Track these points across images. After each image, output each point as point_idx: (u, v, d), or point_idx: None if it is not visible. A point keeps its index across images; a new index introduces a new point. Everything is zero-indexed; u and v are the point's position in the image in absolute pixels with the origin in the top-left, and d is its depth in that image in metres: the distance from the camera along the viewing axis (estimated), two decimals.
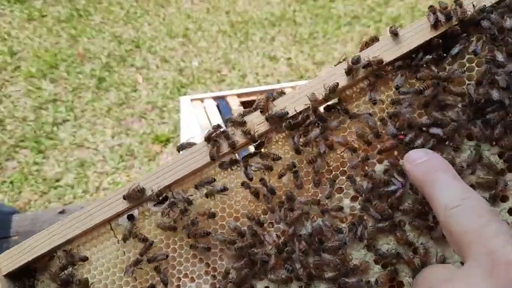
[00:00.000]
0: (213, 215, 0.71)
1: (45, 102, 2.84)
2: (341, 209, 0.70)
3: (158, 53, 3.37)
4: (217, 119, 1.60)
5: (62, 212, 1.89)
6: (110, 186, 2.40)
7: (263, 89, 1.74)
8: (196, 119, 1.59)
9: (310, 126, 0.71)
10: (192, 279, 0.73)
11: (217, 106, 1.68)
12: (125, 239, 0.72)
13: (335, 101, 0.74)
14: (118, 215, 0.73)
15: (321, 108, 0.73)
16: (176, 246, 0.73)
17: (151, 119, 2.83)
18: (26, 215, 1.88)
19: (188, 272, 0.73)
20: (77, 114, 2.80)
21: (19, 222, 1.80)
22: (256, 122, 0.72)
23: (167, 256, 0.71)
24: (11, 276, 0.73)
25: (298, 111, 0.71)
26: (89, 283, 0.72)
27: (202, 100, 1.69)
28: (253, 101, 1.79)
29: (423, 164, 0.56)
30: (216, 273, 0.72)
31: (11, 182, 2.36)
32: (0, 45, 3.23)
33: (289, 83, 1.74)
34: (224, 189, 0.71)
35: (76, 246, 0.74)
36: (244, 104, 1.67)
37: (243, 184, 0.71)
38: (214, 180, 0.71)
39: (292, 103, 0.72)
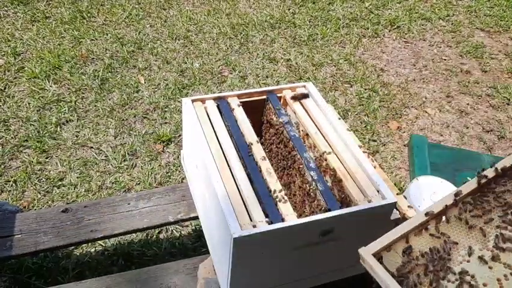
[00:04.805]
0: None
1: (49, 102, 2.87)
2: None
3: (160, 54, 3.40)
4: (218, 119, 1.59)
5: (65, 211, 1.91)
6: (113, 185, 2.43)
7: (263, 90, 1.75)
8: (197, 119, 1.59)
9: None
10: None
11: (218, 106, 1.67)
12: None
13: None
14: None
15: None
16: None
17: (153, 119, 2.86)
18: (29, 214, 1.88)
19: None
20: (80, 114, 2.83)
21: (23, 221, 1.83)
22: None
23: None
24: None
25: None
26: None
27: (203, 101, 1.67)
28: (254, 101, 1.80)
29: None
30: None
31: (15, 181, 2.38)
32: (4, 46, 3.26)
33: (288, 84, 1.77)
34: None
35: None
36: (245, 104, 1.68)
37: None
38: None
39: None
